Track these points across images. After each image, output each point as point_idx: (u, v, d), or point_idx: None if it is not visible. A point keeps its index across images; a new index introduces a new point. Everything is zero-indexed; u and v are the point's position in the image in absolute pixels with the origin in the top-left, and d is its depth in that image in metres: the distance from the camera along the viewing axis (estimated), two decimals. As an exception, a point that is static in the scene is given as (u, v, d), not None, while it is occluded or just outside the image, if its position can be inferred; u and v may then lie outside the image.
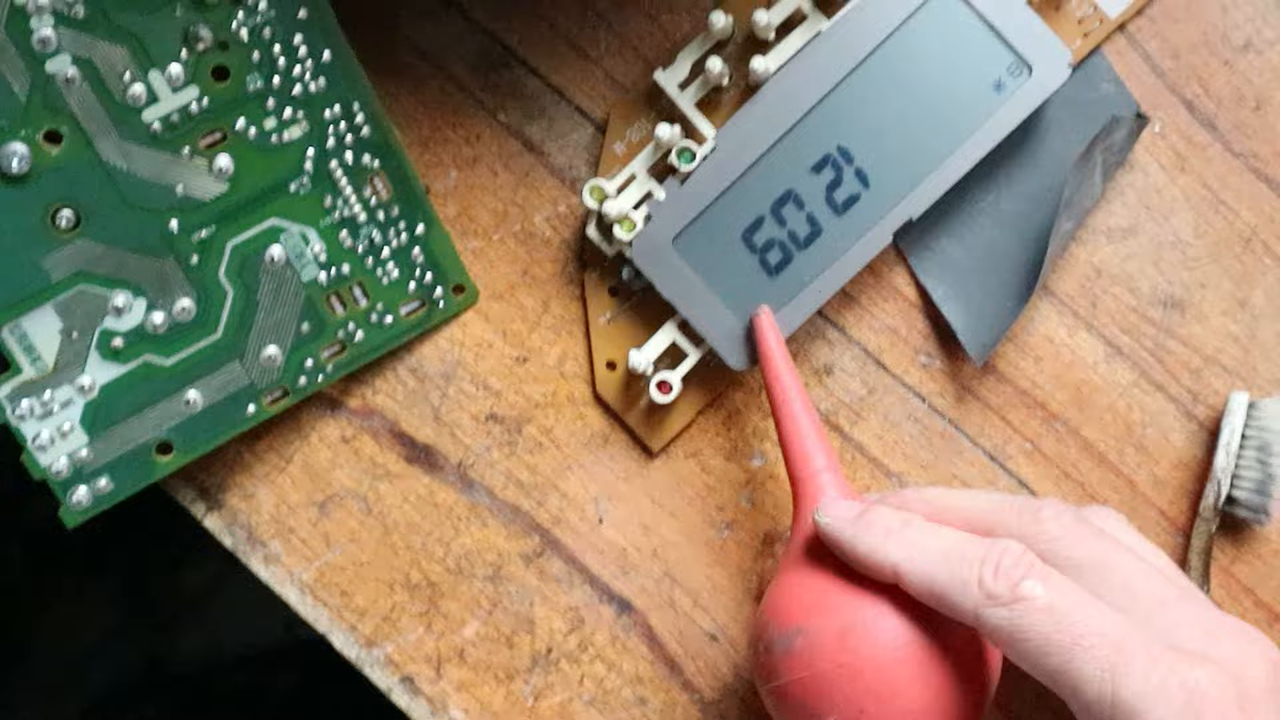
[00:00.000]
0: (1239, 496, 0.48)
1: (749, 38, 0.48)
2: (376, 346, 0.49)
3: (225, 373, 0.47)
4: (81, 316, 0.45)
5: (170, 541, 0.99)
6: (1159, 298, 0.49)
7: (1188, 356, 0.49)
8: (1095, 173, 0.47)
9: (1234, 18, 0.48)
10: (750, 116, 0.47)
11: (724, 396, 0.50)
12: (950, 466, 0.49)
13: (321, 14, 0.45)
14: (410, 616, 0.50)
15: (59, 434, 0.45)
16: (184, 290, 0.46)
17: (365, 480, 0.50)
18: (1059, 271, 0.49)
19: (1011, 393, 0.49)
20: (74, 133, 0.44)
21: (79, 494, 0.46)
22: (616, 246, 0.48)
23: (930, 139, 0.46)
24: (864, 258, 0.47)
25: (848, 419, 0.50)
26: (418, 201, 0.48)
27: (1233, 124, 0.48)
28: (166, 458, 0.47)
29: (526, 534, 0.50)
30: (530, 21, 0.49)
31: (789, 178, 0.47)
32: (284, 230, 0.47)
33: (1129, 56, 0.48)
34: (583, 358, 0.50)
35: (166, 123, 0.45)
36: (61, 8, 0.43)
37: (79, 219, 0.44)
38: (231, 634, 1.06)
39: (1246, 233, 0.49)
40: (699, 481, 0.50)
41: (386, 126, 0.47)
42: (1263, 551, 0.49)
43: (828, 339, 0.49)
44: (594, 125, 0.49)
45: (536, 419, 0.50)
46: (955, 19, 0.46)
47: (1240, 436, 0.48)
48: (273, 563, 0.50)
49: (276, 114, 0.46)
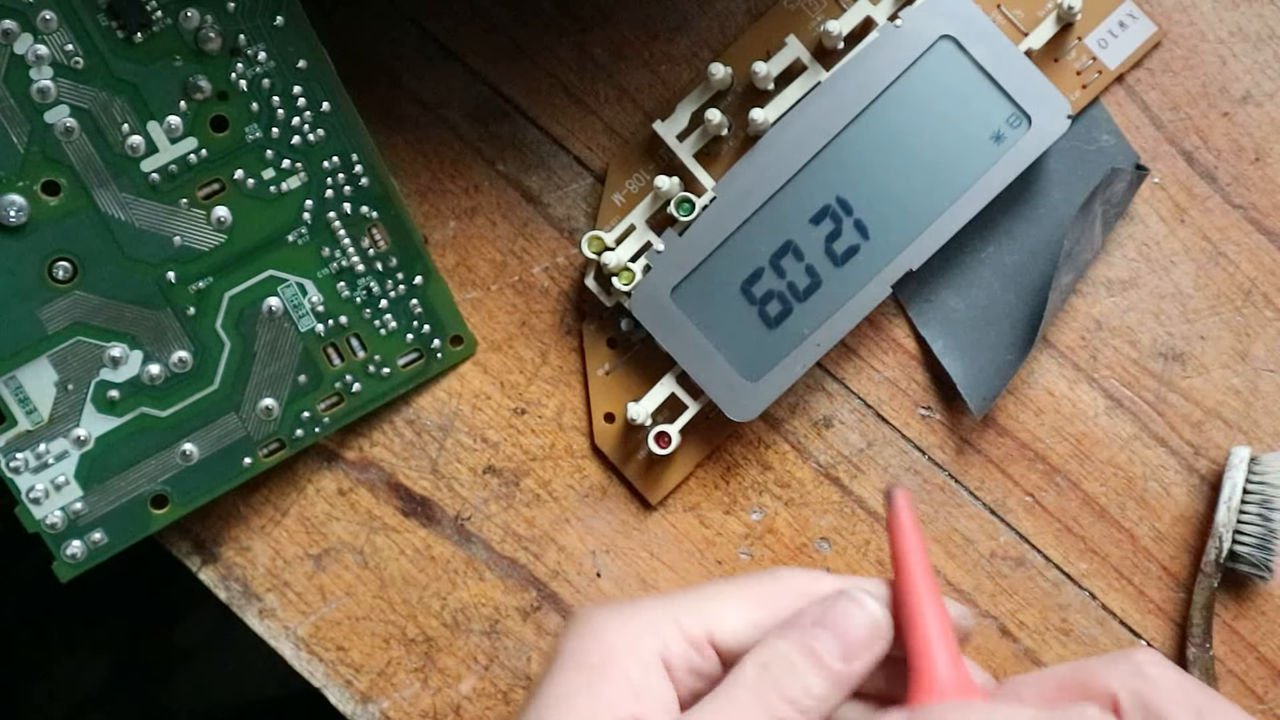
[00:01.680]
0: (1241, 552, 0.48)
1: (748, 88, 0.48)
2: (374, 398, 0.48)
3: (222, 425, 0.47)
4: (77, 368, 0.45)
5: (166, 594, 0.98)
6: (1159, 350, 0.49)
7: (1189, 410, 0.49)
8: (1095, 225, 0.47)
9: (1233, 70, 0.48)
10: (749, 167, 0.47)
11: (723, 449, 0.49)
12: (950, 520, 0.49)
13: (320, 65, 0.45)
14: (407, 671, 0.50)
15: (53, 487, 0.45)
16: (181, 342, 0.46)
17: (362, 533, 0.50)
18: (1059, 324, 0.49)
19: (1012, 445, 0.49)
20: (72, 184, 0.44)
21: (73, 547, 0.46)
22: (615, 298, 0.48)
23: (929, 190, 0.46)
24: (863, 309, 0.47)
25: (847, 472, 0.49)
26: (416, 252, 0.48)
27: (1232, 176, 0.48)
28: (162, 510, 0.47)
29: (524, 588, 0.50)
30: (529, 72, 0.49)
31: (788, 229, 0.47)
32: (282, 281, 0.46)
33: (1128, 108, 0.49)
34: (581, 410, 0.50)
35: (165, 173, 0.45)
36: (61, 58, 0.43)
37: (76, 270, 0.44)
38: (227, 687, 1.05)
39: (1247, 285, 0.49)
40: (697, 535, 0.50)
41: (385, 177, 0.47)
42: (1266, 608, 0.49)
43: (827, 391, 0.49)
44: (593, 176, 0.49)
45: (534, 471, 0.50)
46: (954, 70, 0.46)
47: (1242, 491, 0.48)
48: (268, 617, 0.50)
49: (275, 164, 0.46)
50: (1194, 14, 0.48)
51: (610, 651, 0.39)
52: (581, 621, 0.40)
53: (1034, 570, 0.49)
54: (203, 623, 1.04)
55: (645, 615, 0.39)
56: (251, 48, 0.44)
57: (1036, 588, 0.49)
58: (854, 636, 0.38)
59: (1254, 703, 0.49)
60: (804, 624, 0.39)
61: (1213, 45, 0.48)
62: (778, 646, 0.38)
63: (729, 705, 0.38)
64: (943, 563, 0.49)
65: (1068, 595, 0.49)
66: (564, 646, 0.39)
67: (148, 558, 0.53)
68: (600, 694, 0.38)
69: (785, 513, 0.49)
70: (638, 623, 0.39)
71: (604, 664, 0.38)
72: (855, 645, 0.38)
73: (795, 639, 0.38)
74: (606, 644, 0.39)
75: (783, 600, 0.40)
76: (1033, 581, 0.49)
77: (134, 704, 1.05)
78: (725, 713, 0.38)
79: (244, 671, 1.04)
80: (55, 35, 0.43)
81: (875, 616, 0.39)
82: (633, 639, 0.39)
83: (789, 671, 0.38)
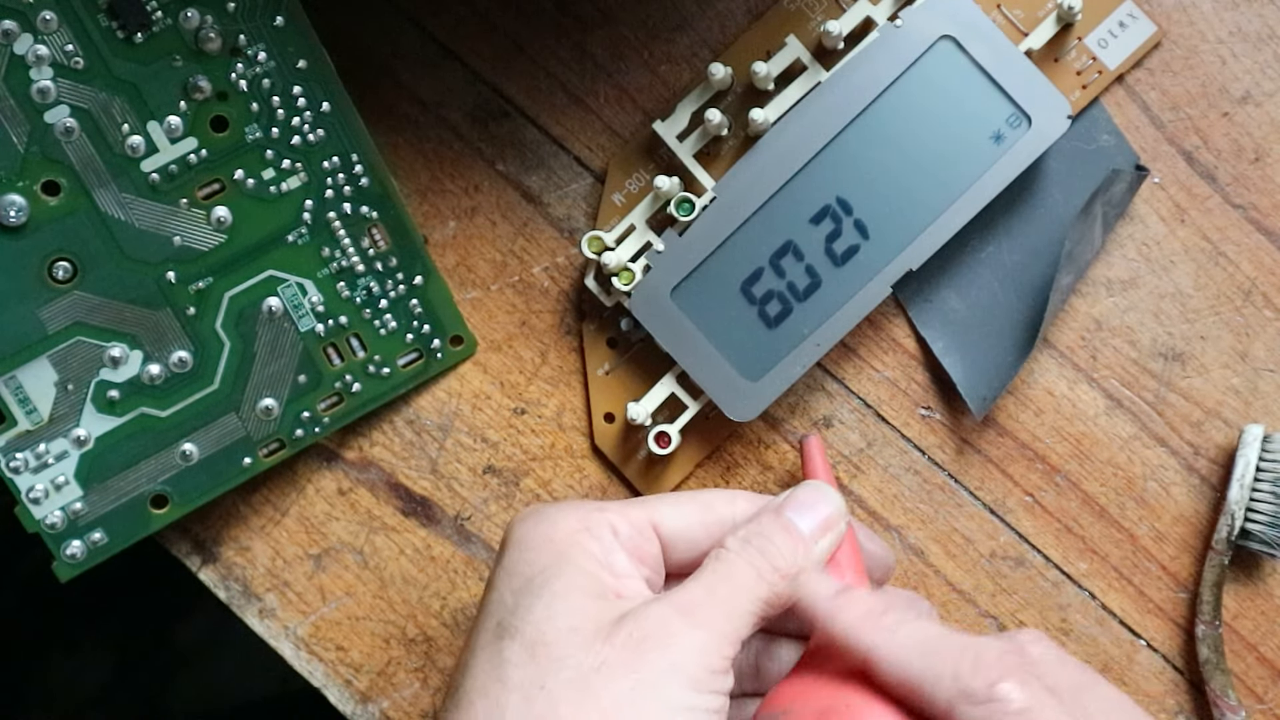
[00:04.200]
0: (1253, 530, 0.47)
1: (748, 89, 0.48)
2: (374, 398, 0.48)
3: (221, 425, 0.47)
4: (77, 368, 0.45)
5: (166, 594, 0.98)
6: (1159, 350, 0.49)
7: (1188, 410, 0.49)
8: (1095, 225, 0.47)
9: (1233, 70, 0.48)
10: (749, 167, 0.47)
11: (723, 449, 0.49)
12: (950, 520, 0.49)
13: (320, 65, 0.45)
14: (406, 671, 0.50)
15: (53, 487, 0.45)
16: (181, 342, 0.46)
17: (362, 533, 0.50)
18: (1059, 324, 0.49)
19: (1012, 445, 0.49)
20: (72, 184, 0.44)
21: (73, 547, 0.46)
22: (615, 298, 0.48)
23: (930, 190, 0.46)
24: (863, 309, 0.47)
25: (847, 472, 0.49)
26: (416, 252, 0.48)
27: (1232, 176, 0.48)
28: (162, 510, 0.47)
29: (524, 587, 0.50)
30: (529, 72, 0.49)
31: (788, 229, 0.47)
32: (282, 281, 0.46)
33: (1128, 108, 0.49)
34: (581, 409, 0.50)
35: (165, 173, 0.45)
36: (61, 58, 0.43)
37: (76, 270, 0.44)
38: (227, 686, 1.05)
39: (1246, 285, 0.49)
40: (698, 534, 0.50)
41: (385, 177, 0.47)
42: (1266, 608, 0.49)
43: (827, 391, 0.49)
44: (593, 176, 0.49)
45: (534, 471, 0.50)
46: (954, 70, 0.46)
47: (1255, 469, 0.48)
48: (268, 616, 0.50)
49: (275, 165, 0.46)
50: (1194, 14, 0.48)
51: (569, 534, 0.39)
52: (527, 517, 0.40)
53: (1034, 570, 0.49)
54: (203, 623, 1.04)
55: (590, 505, 0.41)
56: (251, 48, 0.44)
57: (1036, 588, 0.49)
58: (821, 514, 0.41)
59: (1254, 703, 0.49)
60: (774, 505, 0.41)
61: (1213, 45, 0.48)
62: (756, 523, 0.40)
63: (715, 577, 0.39)
64: (943, 563, 0.49)
65: (1068, 595, 0.49)
66: (516, 537, 0.40)
67: (148, 558, 0.53)
68: (573, 574, 0.39)
69: (785, 513, 0.49)
70: (585, 510, 0.40)
71: (568, 546, 0.39)
72: (822, 522, 0.41)
73: (770, 517, 0.41)
74: (562, 529, 0.40)
75: (717, 502, 0.42)
76: (1033, 581, 0.49)
77: (134, 704, 1.05)
78: (712, 583, 0.39)
79: (244, 671, 1.04)
80: (55, 35, 0.43)
81: (835, 501, 0.42)
82: (585, 524, 0.40)
83: (770, 542, 0.40)
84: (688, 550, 0.41)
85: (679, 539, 0.41)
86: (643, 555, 0.40)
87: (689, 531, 0.41)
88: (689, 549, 0.41)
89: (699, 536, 0.41)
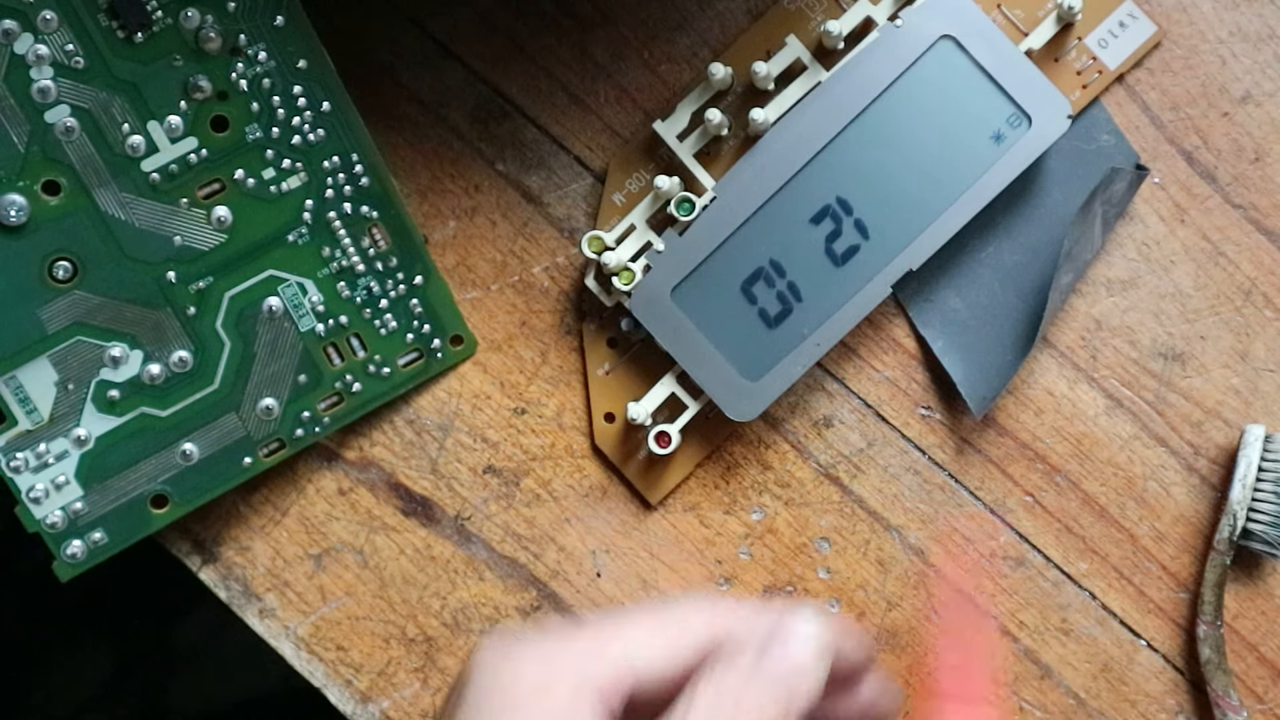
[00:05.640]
0: (1255, 530, 0.47)
1: (748, 88, 0.48)
2: (374, 398, 0.48)
3: (222, 425, 0.47)
4: (78, 368, 0.45)
5: (166, 594, 0.98)
6: (1159, 350, 0.49)
7: (1189, 410, 0.49)
8: (1095, 225, 0.47)
9: (1233, 70, 0.48)
10: (749, 167, 0.47)
11: (723, 449, 0.49)
12: (950, 520, 0.49)
13: (320, 65, 0.45)
14: (407, 671, 0.50)
15: (53, 486, 0.45)
16: (181, 341, 0.46)
17: (362, 533, 0.50)
18: (1059, 324, 0.49)
19: (1012, 445, 0.49)
20: (72, 183, 0.44)
21: (73, 547, 0.46)
22: (615, 297, 0.48)
23: (930, 190, 0.46)
24: (863, 309, 0.47)
25: (847, 472, 0.49)
26: (416, 252, 0.48)
27: (1232, 176, 0.48)
28: (162, 510, 0.47)
29: (524, 588, 0.50)
30: (529, 72, 0.49)
31: (788, 229, 0.47)
32: (282, 281, 0.46)
33: (1128, 108, 0.48)
34: (581, 409, 0.50)
35: (165, 173, 0.45)
36: (61, 58, 0.43)
37: (77, 270, 0.44)
38: (227, 686, 1.05)
39: (1246, 285, 0.49)
40: (697, 535, 0.50)
41: (385, 177, 0.47)
42: (1266, 608, 0.49)
43: (827, 391, 0.49)
44: (593, 175, 0.49)
45: (534, 471, 0.50)
46: (954, 70, 0.46)
47: (1257, 469, 0.48)
48: (268, 616, 0.50)
49: (275, 164, 0.46)
50: (1194, 14, 0.48)
51: (534, 683, 0.36)
52: (493, 652, 0.37)
53: (1034, 570, 0.49)
54: (203, 623, 1.04)
55: (561, 643, 0.37)
56: (251, 48, 0.44)
57: (1036, 588, 0.49)
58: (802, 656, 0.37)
59: (1254, 703, 0.49)
60: (754, 645, 0.38)
61: (1213, 45, 0.48)
62: (731, 668, 0.37)
63: None
64: (943, 563, 0.49)
65: (1068, 595, 0.49)
66: (476, 678, 0.37)
67: (148, 558, 0.53)
68: None
69: (785, 512, 0.49)
70: (555, 651, 0.37)
71: (533, 694, 0.36)
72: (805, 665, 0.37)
73: (747, 662, 0.37)
74: (527, 676, 0.37)
75: (694, 620, 0.38)
76: (1033, 581, 0.49)
77: (134, 704, 1.05)
78: None
79: (244, 671, 1.04)
80: (55, 35, 0.43)
81: (820, 637, 0.38)
82: (554, 669, 0.37)
83: (744, 691, 0.37)
84: (657, 684, 0.38)
85: (651, 673, 0.38)
86: (609, 699, 0.37)
87: (662, 666, 0.38)
88: (659, 682, 0.38)
89: (672, 670, 0.38)
